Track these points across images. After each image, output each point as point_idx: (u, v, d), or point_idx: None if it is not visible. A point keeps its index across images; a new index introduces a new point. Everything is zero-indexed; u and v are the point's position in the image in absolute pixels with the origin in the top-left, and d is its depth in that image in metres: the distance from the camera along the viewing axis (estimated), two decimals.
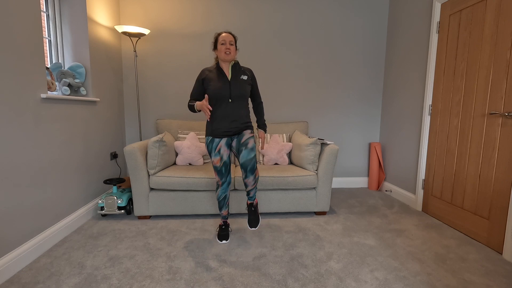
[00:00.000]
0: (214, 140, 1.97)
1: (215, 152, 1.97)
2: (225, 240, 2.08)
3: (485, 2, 2.08)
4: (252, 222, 2.02)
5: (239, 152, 1.97)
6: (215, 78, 1.94)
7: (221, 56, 1.92)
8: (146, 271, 1.71)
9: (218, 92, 1.91)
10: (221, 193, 2.06)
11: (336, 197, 3.14)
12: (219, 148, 1.97)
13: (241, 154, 1.94)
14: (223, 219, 2.17)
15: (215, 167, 1.99)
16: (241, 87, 1.95)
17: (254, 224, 2.02)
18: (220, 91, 1.91)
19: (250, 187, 2.00)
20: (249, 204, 2.07)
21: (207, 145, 2.01)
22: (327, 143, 2.56)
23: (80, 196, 2.36)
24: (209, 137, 2.00)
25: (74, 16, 2.40)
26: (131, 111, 3.23)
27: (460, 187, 2.30)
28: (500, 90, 1.96)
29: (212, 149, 1.98)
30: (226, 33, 1.92)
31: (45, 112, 1.94)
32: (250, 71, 2.06)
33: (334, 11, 3.26)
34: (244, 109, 2.01)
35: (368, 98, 3.45)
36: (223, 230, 2.13)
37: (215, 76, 1.95)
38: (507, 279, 1.66)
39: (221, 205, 2.10)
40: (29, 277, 1.63)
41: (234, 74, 1.97)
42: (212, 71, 1.98)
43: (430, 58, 2.60)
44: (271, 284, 1.60)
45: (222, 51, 1.90)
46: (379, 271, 1.73)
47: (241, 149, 1.95)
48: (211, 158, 2.00)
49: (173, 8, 3.10)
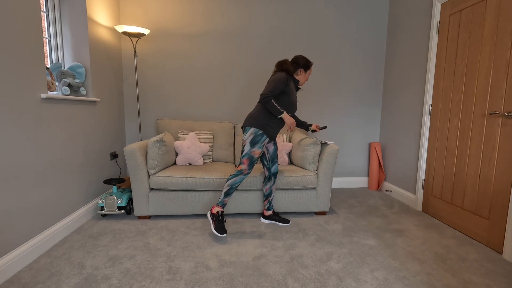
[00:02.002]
0: (264, 135, 2.12)
1: (260, 145, 2.12)
2: (225, 233, 2.08)
3: (485, 2, 2.08)
4: (285, 220, 2.38)
5: (273, 162, 2.30)
6: (294, 92, 2.19)
7: (302, 81, 2.22)
8: (146, 271, 1.71)
9: (293, 105, 2.17)
10: (240, 180, 2.15)
11: (336, 197, 3.14)
12: (264, 143, 2.14)
13: (275, 165, 2.31)
14: (223, 208, 2.17)
15: (252, 157, 2.12)
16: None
17: (287, 221, 2.38)
18: (294, 104, 2.19)
19: (273, 193, 2.40)
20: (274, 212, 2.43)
21: (255, 135, 2.11)
22: (327, 143, 2.56)
23: (80, 196, 2.36)
24: (260, 130, 2.11)
25: (74, 16, 2.40)
26: (131, 111, 3.23)
27: (460, 187, 2.30)
28: (500, 90, 1.96)
29: (260, 141, 2.12)
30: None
31: (45, 112, 1.94)
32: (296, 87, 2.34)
33: (334, 11, 3.26)
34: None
35: (368, 98, 3.45)
36: (220, 222, 2.12)
37: (294, 90, 2.19)
38: (507, 279, 1.66)
39: (231, 192, 2.16)
40: (29, 277, 1.63)
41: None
42: (292, 83, 2.18)
43: (430, 58, 2.60)
44: (271, 284, 1.60)
45: (306, 79, 2.24)
46: (379, 271, 1.73)
47: (275, 161, 2.31)
48: (254, 148, 2.11)
49: (173, 8, 3.10)
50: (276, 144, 2.30)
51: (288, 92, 2.11)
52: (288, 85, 2.09)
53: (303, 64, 2.16)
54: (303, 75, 2.20)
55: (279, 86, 2.05)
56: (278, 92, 2.07)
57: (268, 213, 2.40)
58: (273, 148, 2.28)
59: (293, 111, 2.21)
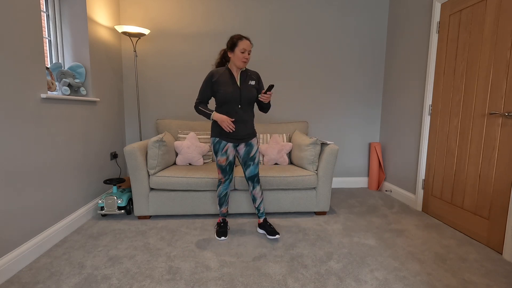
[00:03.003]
0: (221, 141, 1.99)
1: (222, 152, 2.00)
2: (224, 237, 2.10)
3: (485, 2, 2.08)
4: (273, 232, 2.10)
5: (246, 165, 2.07)
6: (226, 83, 1.92)
7: (237, 63, 1.89)
8: (146, 271, 1.71)
9: (229, 97, 1.90)
10: (222, 189, 2.11)
11: (336, 197, 3.14)
12: (226, 149, 2.00)
13: (249, 169, 2.07)
14: (222, 217, 2.21)
15: (220, 165, 2.03)
16: (250, 93, 1.96)
17: (277, 233, 2.10)
18: (231, 96, 1.90)
19: (258, 199, 2.15)
20: (263, 221, 2.19)
21: (213, 145, 2.01)
22: (327, 143, 2.56)
23: (80, 196, 2.36)
24: (216, 138, 2.00)
25: (74, 16, 2.40)
26: (131, 111, 3.23)
27: (460, 187, 2.30)
28: (500, 90, 1.96)
29: (220, 149, 2.00)
30: (247, 41, 1.86)
31: (45, 112, 1.94)
32: (257, 75, 2.06)
33: (334, 11, 3.26)
34: (251, 114, 2.05)
35: (368, 98, 3.45)
36: (222, 227, 2.17)
37: (225, 81, 1.92)
38: (507, 279, 1.66)
39: (222, 202, 2.15)
40: (29, 277, 1.63)
41: (242, 79, 1.97)
42: (222, 75, 1.94)
43: (430, 58, 2.60)
44: (271, 284, 1.60)
45: (240, 59, 1.87)
46: (379, 271, 1.73)
47: (249, 164, 2.06)
48: (216, 157, 2.03)
49: (173, 8, 3.10)
50: (250, 146, 2.04)
51: (217, 89, 1.92)
52: (214, 82, 1.92)
53: (229, 45, 1.89)
54: (233, 56, 1.89)
55: (202, 89, 1.97)
56: (206, 95, 1.97)
57: (259, 220, 2.22)
58: (244, 150, 2.04)
59: (233, 103, 1.92)
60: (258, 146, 2.11)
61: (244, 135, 2.01)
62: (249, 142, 2.05)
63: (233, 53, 1.89)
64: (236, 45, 1.86)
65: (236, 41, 1.86)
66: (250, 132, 2.04)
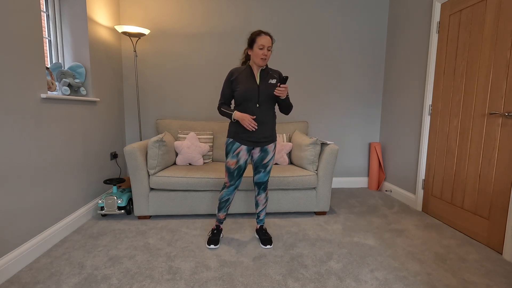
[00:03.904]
0: (235, 142, 1.89)
1: (233, 154, 1.89)
2: (214, 245, 1.99)
3: (485, 2, 2.08)
4: (266, 241, 2.03)
5: (256, 170, 1.98)
6: (244, 80, 1.85)
7: (256, 61, 1.81)
8: (146, 271, 1.71)
9: (246, 95, 1.82)
10: (225, 194, 1.99)
11: (336, 197, 3.14)
12: (238, 151, 1.88)
13: (259, 175, 1.99)
14: (218, 222, 2.09)
15: (228, 168, 1.92)
16: (270, 92, 1.85)
17: (269, 242, 2.02)
18: (248, 94, 1.82)
19: (261, 206, 2.08)
20: (260, 228, 2.13)
21: (226, 145, 1.93)
22: (327, 143, 2.56)
23: (80, 196, 2.36)
24: (230, 139, 1.91)
25: (74, 16, 2.40)
26: (131, 111, 3.23)
27: (460, 187, 2.30)
28: (500, 90, 1.96)
29: (231, 150, 1.89)
30: (266, 36, 1.77)
31: (45, 112, 1.94)
32: (279, 74, 1.95)
33: (334, 11, 3.26)
34: (271, 115, 1.92)
35: (368, 98, 3.45)
36: (215, 235, 2.04)
37: (244, 78, 1.85)
38: (507, 279, 1.66)
39: (221, 207, 2.03)
40: (29, 277, 1.63)
41: (262, 77, 1.88)
42: (242, 73, 1.88)
43: (430, 58, 2.60)
44: (271, 284, 1.60)
45: (259, 56, 1.78)
46: (379, 271, 1.73)
47: (260, 170, 1.97)
48: (227, 158, 1.92)
49: (173, 8, 3.10)
50: (265, 152, 1.93)
51: (235, 87, 1.87)
52: (233, 80, 1.88)
53: (248, 42, 1.84)
54: (252, 54, 1.83)
55: (223, 89, 1.93)
56: (227, 95, 1.93)
57: (257, 226, 2.16)
58: (258, 156, 1.94)
59: (250, 101, 1.84)
60: (274, 153, 1.98)
61: (261, 138, 1.88)
62: (264, 148, 1.92)
63: (252, 50, 1.82)
64: (254, 42, 1.79)
65: (254, 37, 1.79)
66: (268, 135, 1.90)
